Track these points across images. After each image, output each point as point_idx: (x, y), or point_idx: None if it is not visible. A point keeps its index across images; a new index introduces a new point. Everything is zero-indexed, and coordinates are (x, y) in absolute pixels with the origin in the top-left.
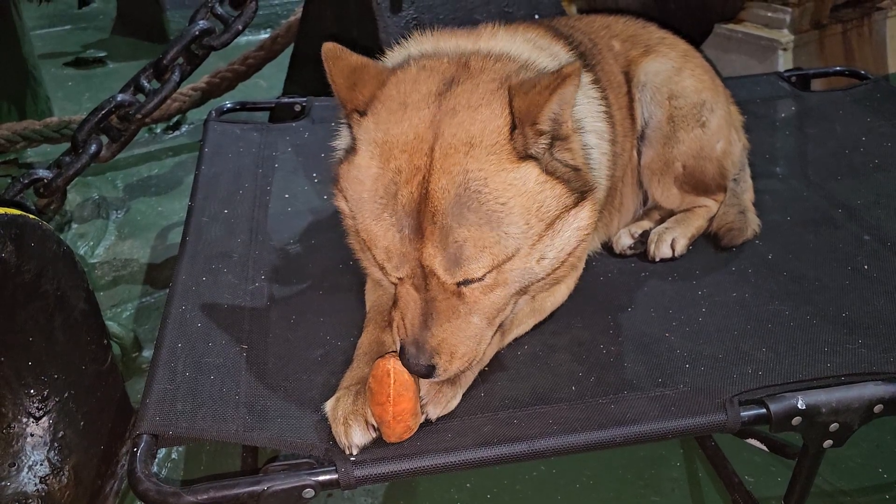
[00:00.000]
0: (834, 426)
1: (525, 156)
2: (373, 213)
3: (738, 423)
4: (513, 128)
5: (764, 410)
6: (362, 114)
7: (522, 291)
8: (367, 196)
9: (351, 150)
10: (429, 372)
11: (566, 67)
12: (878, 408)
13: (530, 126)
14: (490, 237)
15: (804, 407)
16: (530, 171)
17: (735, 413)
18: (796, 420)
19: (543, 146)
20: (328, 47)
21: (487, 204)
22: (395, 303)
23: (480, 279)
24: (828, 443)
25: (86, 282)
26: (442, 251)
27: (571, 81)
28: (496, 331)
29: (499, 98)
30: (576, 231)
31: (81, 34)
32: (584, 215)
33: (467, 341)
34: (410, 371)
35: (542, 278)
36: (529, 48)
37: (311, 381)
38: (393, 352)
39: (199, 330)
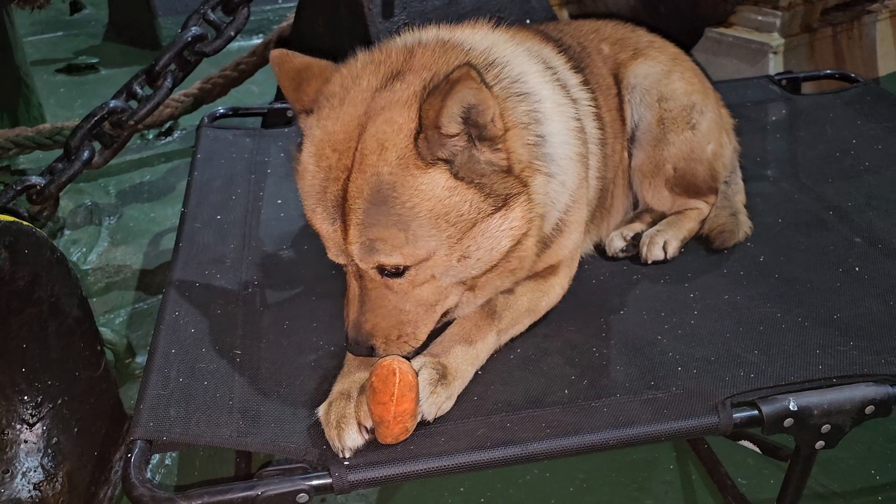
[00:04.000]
0: (826, 428)
1: (433, 160)
2: (310, 206)
3: (730, 426)
4: (418, 131)
5: (756, 412)
6: (309, 112)
7: (463, 284)
8: (306, 189)
9: (300, 144)
10: (370, 352)
11: (454, 73)
12: (869, 409)
13: (434, 130)
14: (399, 237)
15: (796, 409)
16: (438, 178)
17: (727, 415)
18: (788, 422)
19: (458, 146)
20: (274, 54)
21: (395, 208)
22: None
23: (401, 273)
24: (820, 444)
25: (79, 288)
26: (359, 244)
27: (463, 85)
28: (446, 314)
29: (418, 100)
30: (507, 231)
31: (73, 40)
32: (514, 216)
33: (400, 326)
34: (352, 351)
35: (480, 275)
36: (503, 44)
37: (305, 385)
38: (395, 355)
39: (192, 336)
